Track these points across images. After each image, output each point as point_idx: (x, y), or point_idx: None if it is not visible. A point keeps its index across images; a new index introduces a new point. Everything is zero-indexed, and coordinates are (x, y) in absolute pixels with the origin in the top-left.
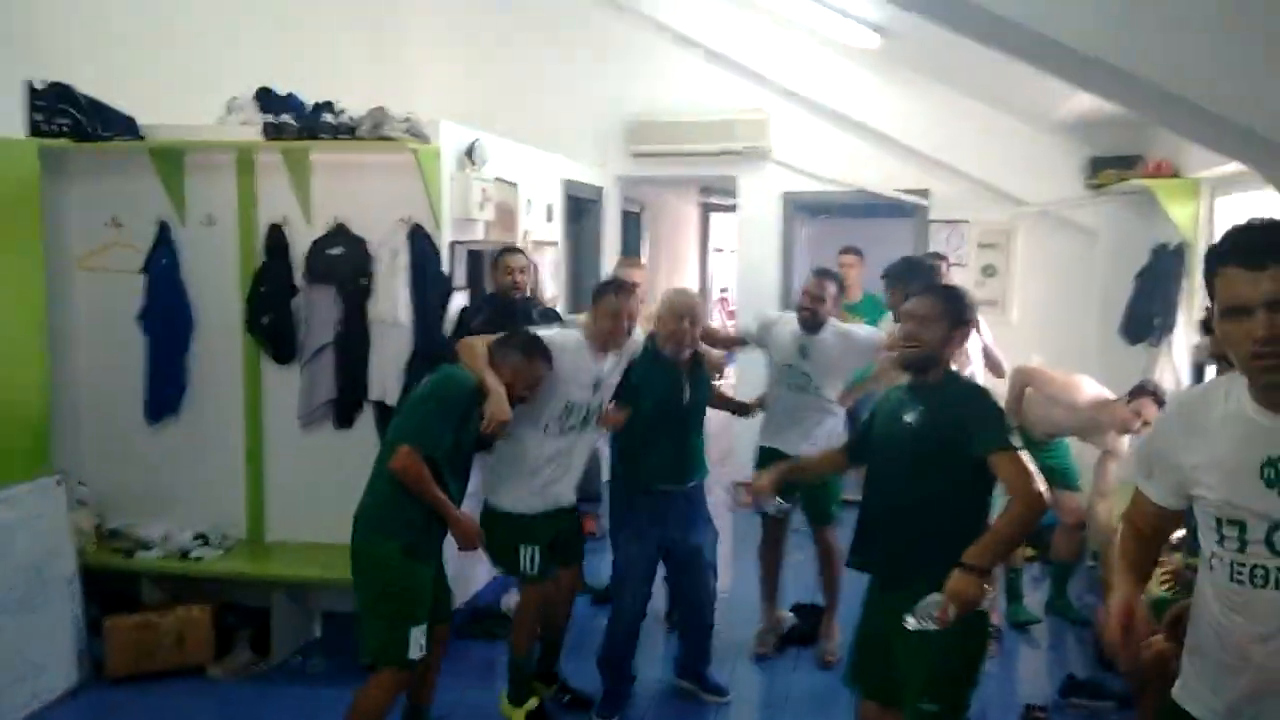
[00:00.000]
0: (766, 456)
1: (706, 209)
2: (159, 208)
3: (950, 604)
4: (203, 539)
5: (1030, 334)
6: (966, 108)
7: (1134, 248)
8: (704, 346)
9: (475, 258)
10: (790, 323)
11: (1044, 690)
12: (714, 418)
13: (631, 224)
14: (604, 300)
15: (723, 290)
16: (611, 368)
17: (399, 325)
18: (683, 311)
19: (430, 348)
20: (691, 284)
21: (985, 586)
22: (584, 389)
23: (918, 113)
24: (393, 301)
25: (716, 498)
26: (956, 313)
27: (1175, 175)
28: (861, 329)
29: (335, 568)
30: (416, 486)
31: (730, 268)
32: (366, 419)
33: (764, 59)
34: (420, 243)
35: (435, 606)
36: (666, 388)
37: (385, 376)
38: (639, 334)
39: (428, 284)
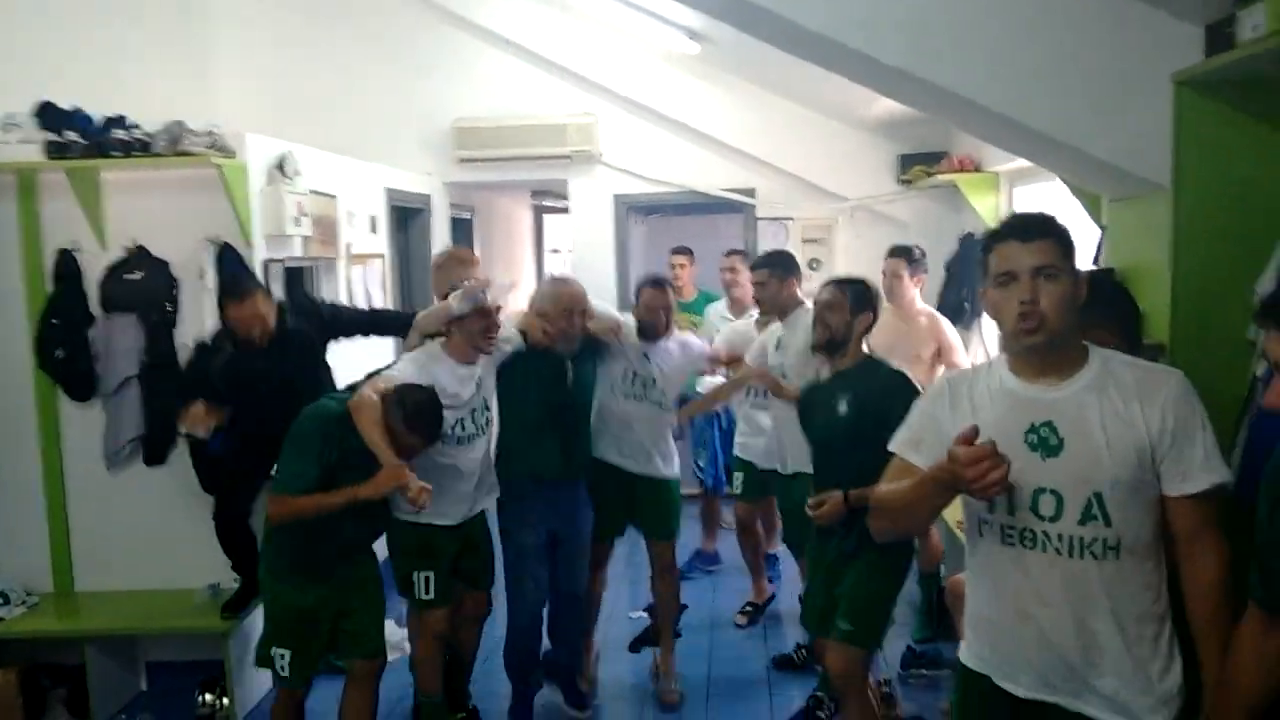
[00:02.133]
0: (602, 472)
1: (540, 211)
2: None
3: (821, 502)
4: (2, 597)
5: None
6: (785, 110)
7: (943, 238)
8: (592, 324)
9: (293, 275)
10: (630, 330)
11: (885, 665)
12: None
13: (463, 230)
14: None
15: None
16: (486, 368)
17: None
18: (570, 305)
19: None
20: (528, 285)
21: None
22: (458, 405)
23: (741, 115)
24: (202, 327)
25: None
26: (857, 298)
27: (977, 170)
28: (695, 340)
29: (155, 615)
30: (298, 515)
31: (566, 268)
32: (181, 455)
33: (591, 63)
34: (230, 262)
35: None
36: (550, 381)
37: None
38: (509, 328)
39: None
